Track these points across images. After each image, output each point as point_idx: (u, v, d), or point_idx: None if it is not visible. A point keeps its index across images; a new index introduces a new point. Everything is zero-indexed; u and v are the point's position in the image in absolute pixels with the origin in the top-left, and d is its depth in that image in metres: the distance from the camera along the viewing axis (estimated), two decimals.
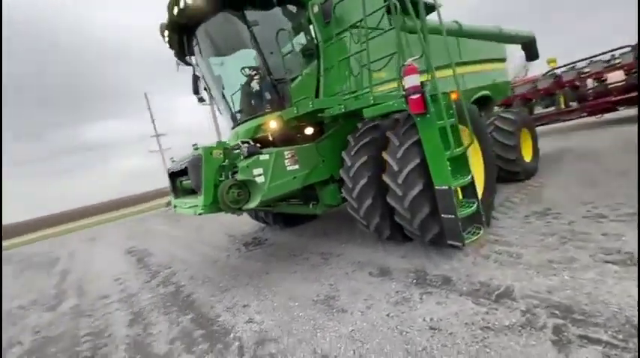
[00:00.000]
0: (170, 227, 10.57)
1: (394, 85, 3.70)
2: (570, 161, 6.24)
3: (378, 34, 3.55)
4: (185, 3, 3.83)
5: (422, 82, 2.96)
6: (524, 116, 6.48)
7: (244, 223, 7.33)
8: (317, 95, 4.16)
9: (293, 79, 4.09)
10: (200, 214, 3.37)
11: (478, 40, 6.60)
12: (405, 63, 3.01)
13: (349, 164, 3.67)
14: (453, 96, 3.32)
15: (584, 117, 10.45)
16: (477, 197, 3.26)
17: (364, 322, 2.50)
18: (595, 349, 1.75)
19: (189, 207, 3.68)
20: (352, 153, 3.68)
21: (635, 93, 9.07)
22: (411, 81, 2.93)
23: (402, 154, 3.24)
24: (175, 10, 3.99)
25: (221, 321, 3.09)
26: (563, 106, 10.33)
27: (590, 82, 9.78)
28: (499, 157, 5.63)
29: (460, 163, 3.22)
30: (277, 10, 4.17)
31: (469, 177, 3.19)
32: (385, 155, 3.44)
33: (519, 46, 9.20)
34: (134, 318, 3.69)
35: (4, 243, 18.72)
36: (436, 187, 3.06)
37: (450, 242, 3.15)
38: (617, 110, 9.84)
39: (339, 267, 3.71)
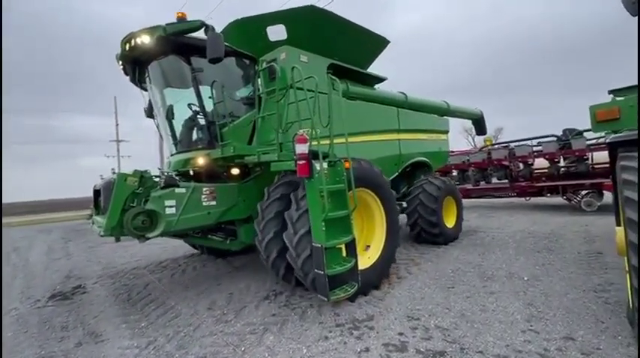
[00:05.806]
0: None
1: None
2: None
3: (292, 101, 3.61)
4: (135, 42, 3.90)
5: (311, 150, 3.07)
6: (451, 185, 6.37)
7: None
8: (251, 141, 4.27)
9: (225, 124, 4.09)
10: (102, 236, 3.38)
11: (419, 112, 6.55)
12: (298, 132, 3.17)
13: (266, 198, 3.82)
14: (346, 164, 3.39)
15: (512, 196, 10.44)
16: (355, 256, 3.31)
17: None
18: None
19: (98, 226, 3.64)
20: (271, 189, 3.87)
21: (559, 182, 9.14)
22: (300, 149, 3.07)
23: (300, 196, 3.44)
24: (127, 47, 4.05)
25: None
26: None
27: (520, 164, 9.85)
28: (422, 218, 5.61)
29: (343, 224, 3.29)
30: (227, 60, 4.11)
31: (349, 237, 3.27)
32: (292, 195, 3.59)
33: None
34: None
35: None
36: (313, 243, 3.08)
37: (319, 295, 3.12)
38: (543, 196, 9.83)
39: None
